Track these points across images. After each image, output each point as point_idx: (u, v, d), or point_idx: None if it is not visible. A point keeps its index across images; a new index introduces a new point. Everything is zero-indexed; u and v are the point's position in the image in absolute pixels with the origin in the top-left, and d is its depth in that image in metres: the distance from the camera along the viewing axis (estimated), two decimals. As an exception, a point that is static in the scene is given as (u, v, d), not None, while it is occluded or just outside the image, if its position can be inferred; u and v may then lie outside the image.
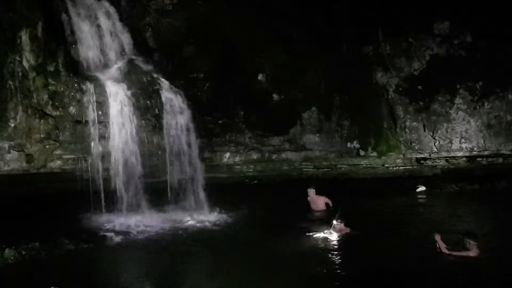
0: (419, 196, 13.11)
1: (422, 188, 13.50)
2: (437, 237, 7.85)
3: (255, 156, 13.45)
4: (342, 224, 9.14)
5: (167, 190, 11.26)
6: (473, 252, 7.56)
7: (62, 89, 10.40)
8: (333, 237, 8.90)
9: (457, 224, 9.61)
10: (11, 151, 9.98)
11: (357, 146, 14.00)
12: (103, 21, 11.61)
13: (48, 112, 10.27)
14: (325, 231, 9.07)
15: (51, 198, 10.80)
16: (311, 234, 9.17)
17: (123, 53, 11.77)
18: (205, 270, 7.79)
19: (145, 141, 11.17)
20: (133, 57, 11.79)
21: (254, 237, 9.37)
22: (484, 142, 13.73)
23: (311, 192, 11.49)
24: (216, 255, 8.51)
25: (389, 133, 14.05)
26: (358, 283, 6.91)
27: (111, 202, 10.58)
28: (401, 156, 14.36)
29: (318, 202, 11.44)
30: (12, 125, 9.89)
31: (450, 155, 14.12)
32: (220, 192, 11.41)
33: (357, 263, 7.58)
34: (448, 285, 6.92)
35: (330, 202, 11.36)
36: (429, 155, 14.17)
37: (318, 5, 13.56)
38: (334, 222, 9.12)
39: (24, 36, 9.99)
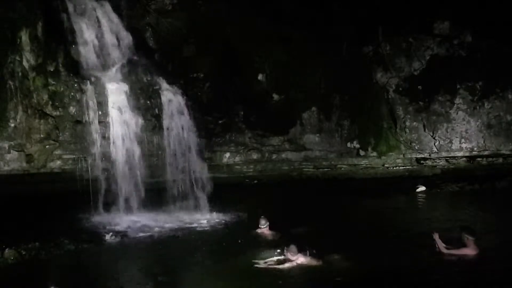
0: (419, 196, 13.11)
1: (422, 188, 13.49)
2: (436, 237, 7.85)
3: (255, 156, 13.45)
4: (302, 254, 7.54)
5: (167, 190, 11.27)
6: (471, 250, 7.55)
7: (62, 89, 10.42)
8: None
9: (457, 224, 9.57)
10: (11, 151, 10.00)
11: (357, 146, 13.99)
12: (103, 21, 11.63)
13: (48, 112, 10.29)
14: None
15: (51, 198, 10.79)
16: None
17: (123, 53, 11.78)
18: (204, 270, 7.79)
19: (145, 141, 11.17)
20: (133, 57, 11.79)
21: (252, 238, 9.35)
22: (484, 142, 13.72)
23: (264, 223, 9.44)
24: (215, 255, 8.52)
25: (389, 133, 14.05)
26: (357, 282, 6.91)
27: (111, 202, 10.59)
28: (401, 156, 14.36)
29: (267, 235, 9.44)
30: (12, 125, 9.91)
31: (450, 155, 14.11)
32: (220, 192, 11.41)
33: (356, 262, 7.57)
34: (447, 285, 6.92)
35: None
36: (429, 155, 14.17)
37: (318, 5, 13.56)
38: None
39: (24, 36, 10.01)
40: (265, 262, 7.54)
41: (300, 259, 7.50)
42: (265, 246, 8.69)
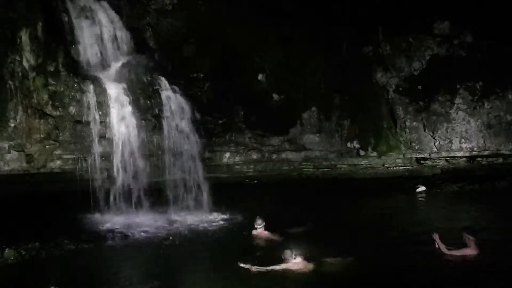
0: (419, 196, 13.11)
1: (422, 188, 13.50)
2: (436, 237, 7.85)
3: (255, 156, 13.44)
4: (298, 258, 7.42)
5: (167, 190, 11.27)
6: (471, 250, 7.56)
7: (62, 89, 10.42)
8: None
9: (457, 224, 9.59)
10: (11, 151, 10.00)
11: (357, 146, 13.98)
12: (103, 21, 11.64)
13: (48, 112, 10.29)
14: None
15: (51, 198, 10.80)
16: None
17: (123, 53, 11.78)
18: (204, 270, 7.80)
19: (145, 141, 11.17)
20: (133, 57, 11.79)
21: (249, 239, 9.35)
22: (484, 142, 13.71)
23: (260, 222, 9.37)
24: (215, 255, 8.52)
25: (389, 133, 14.05)
26: (357, 282, 6.91)
27: (111, 202, 10.59)
28: (401, 156, 14.35)
29: (263, 236, 9.38)
30: (12, 125, 9.91)
31: (450, 155, 14.10)
32: (220, 192, 11.41)
33: (356, 262, 7.58)
34: (447, 285, 6.92)
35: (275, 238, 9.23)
36: (429, 155, 14.16)
37: (318, 5, 13.56)
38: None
39: (24, 36, 10.01)
40: (252, 266, 7.41)
41: (295, 262, 7.44)
42: (261, 247, 8.70)
